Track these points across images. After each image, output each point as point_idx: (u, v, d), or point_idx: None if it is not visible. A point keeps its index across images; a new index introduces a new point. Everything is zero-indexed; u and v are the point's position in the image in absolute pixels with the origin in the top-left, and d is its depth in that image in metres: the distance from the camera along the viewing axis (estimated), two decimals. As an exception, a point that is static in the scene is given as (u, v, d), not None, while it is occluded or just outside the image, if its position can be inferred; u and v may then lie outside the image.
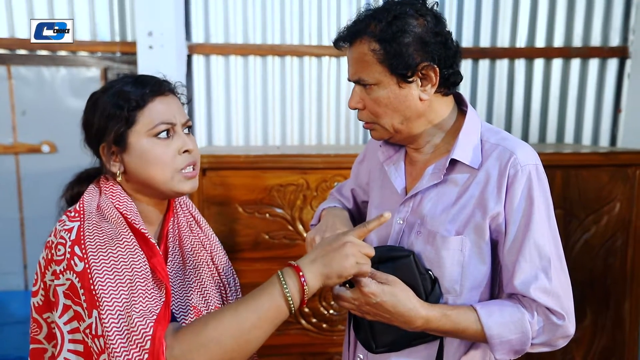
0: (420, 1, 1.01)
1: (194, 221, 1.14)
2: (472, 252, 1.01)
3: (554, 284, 0.97)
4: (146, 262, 0.91)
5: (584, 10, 2.75)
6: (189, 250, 1.08)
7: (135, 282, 0.86)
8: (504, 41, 2.75)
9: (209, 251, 1.12)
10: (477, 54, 2.74)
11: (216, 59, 2.67)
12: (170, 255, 1.03)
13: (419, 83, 1.00)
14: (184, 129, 1.01)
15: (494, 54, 2.75)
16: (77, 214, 0.93)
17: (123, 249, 0.89)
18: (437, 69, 0.99)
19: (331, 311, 2.15)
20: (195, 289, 1.05)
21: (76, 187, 1.05)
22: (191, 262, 1.07)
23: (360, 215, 1.32)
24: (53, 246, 0.90)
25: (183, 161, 0.98)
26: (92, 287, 0.84)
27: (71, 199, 1.04)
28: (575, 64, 2.78)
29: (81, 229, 0.89)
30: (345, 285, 1.01)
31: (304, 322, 2.14)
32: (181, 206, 1.12)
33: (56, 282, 0.89)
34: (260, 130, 2.75)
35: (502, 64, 2.78)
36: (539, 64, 2.78)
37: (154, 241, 0.94)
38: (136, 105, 0.95)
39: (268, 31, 2.67)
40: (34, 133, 2.61)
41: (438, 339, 1.04)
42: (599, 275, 2.21)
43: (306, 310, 2.13)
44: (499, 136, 1.04)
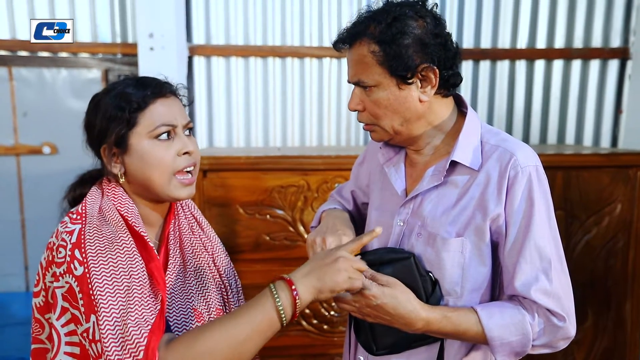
0: (419, 3, 1.01)
1: (195, 223, 1.13)
2: (473, 253, 1.00)
3: (554, 285, 0.97)
4: (144, 268, 0.91)
5: (584, 12, 2.74)
6: (190, 252, 1.07)
7: (132, 290, 0.86)
8: (504, 42, 2.75)
9: (210, 253, 1.12)
10: (478, 55, 2.74)
11: (217, 60, 2.67)
12: (171, 257, 1.03)
13: (419, 84, 1.00)
14: (184, 130, 1.01)
15: (494, 55, 2.74)
16: (79, 216, 0.93)
17: (122, 254, 0.89)
18: (437, 71, 0.99)
19: (332, 312, 2.14)
20: (197, 291, 1.04)
21: (79, 188, 1.05)
22: (192, 264, 1.06)
23: (360, 217, 1.32)
24: (54, 248, 0.91)
25: (183, 162, 0.98)
26: (91, 292, 0.84)
27: (74, 200, 1.04)
28: (576, 65, 2.78)
29: (82, 232, 0.90)
30: None
31: (304, 323, 2.14)
32: (183, 208, 1.12)
33: (55, 284, 0.89)
34: (261, 131, 2.75)
35: (503, 65, 2.77)
36: (539, 65, 2.78)
37: (152, 245, 0.94)
38: (137, 107, 0.95)
39: (269, 32, 2.67)
40: (35, 134, 2.61)
41: (439, 341, 1.04)
42: (600, 276, 2.21)
43: (307, 311, 2.13)
44: (498, 137, 1.04)
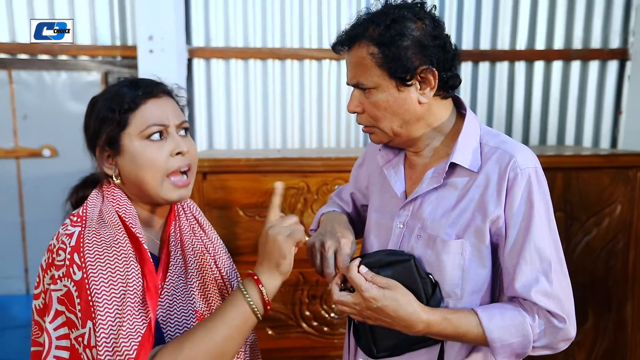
0: (418, 5, 1.01)
1: (196, 224, 1.12)
2: (473, 255, 1.00)
3: (554, 286, 0.97)
4: (139, 273, 0.91)
5: (583, 13, 2.75)
6: (191, 253, 1.07)
7: (127, 297, 0.87)
8: (504, 44, 2.75)
9: (212, 254, 1.11)
10: (477, 56, 2.74)
11: (217, 62, 2.67)
12: (172, 259, 1.02)
13: (418, 86, 1.00)
14: (179, 130, 0.99)
15: (494, 56, 2.75)
16: (79, 219, 0.93)
17: (119, 258, 0.89)
18: (436, 72, 0.99)
19: (332, 314, 2.14)
20: (198, 292, 1.04)
21: (81, 190, 1.05)
22: (193, 266, 1.06)
23: (360, 219, 1.32)
24: (54, 250, 0.91)
25: (175, 163, 0.97)
26: (90, 299, 0.84)
27: (76, 202, 1.04)
28: (576, 66, 2.78)
29: (81, 236, 0.89)
30: (347, 289, 1.01)
31: (305, 325, 2.14)
32: (184, 209, 1.11)
33: (52, 287, 0.89)
34: (261, 133, 2.75)
35: (503, 67, 2.78)
36: (539, 66, 2.78)
37: (150, 247, 0.94)
38: (128, 108, 0.95)
39: (268, 34, 2.67)
40: (35, 137, 2.62)
41: (439, 343, 1.04)
42: (600, 277, 2.21)
43: (307, 313, 2.13)
44: (498, 139, 1.04)
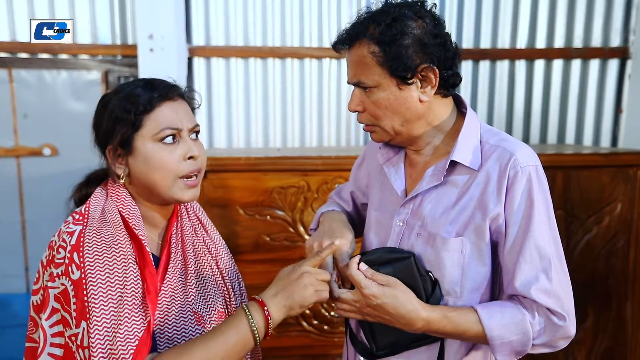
0: (419, 3, 1.01)
1: (199, 225, 1.13)
2: (473, 253, 1.00)
3: (554, 284, 0.97)
4: (138, 275, 0.91)
5: (584, 11, 2.74)
6: (192, 254, 1.06)
7: (124, 300, 0.87)
8: (504, 42, 2.75)
9: (213, 255, 1.11)
10: (478, 55, 2.74)
11: (217, 61, 2.67)
12: (172, 260, 1.02)
13: (419, 85, 1.00)
14: (191, 134, 1.00)
15: (494, 55, 2.75)
16: (81, 217, 0.93)
17: (118, 260, 0.89)
18: (437, 71, 0.99)
19: (332, 313, 2.14)
20: (198, 293, 1.03)
21: (85, 188, 1.05)
22: (194, 267, 1.06)
23: (360, 218, 1.32)
24: (55, 247, 0.91)
25: (187, 167, 0.97)
26: (85, 299, 0.84)
27: (80, 200, 1.04)
28: (576, 64, 2.78)
29: (82, 234, 0.90)
30: (346, 286, 1.01)
31: (305, 324, 2.14)
32: (187, 209, 1.11)
33: (50, 284, 0.89)
34: (261, 132, 2.75)
35: (503, 65, 2.78)
36: (539, 64, 2.78)
37: (152, 248, 0.94)
38: (143, 110, 0.95)
39: (268, 33, 2.67)
40: (35, 136, 2.61)
41: (439, 341, 1.04)
42: (600, 275, 2.21)
43: (307, 312, 2.13)
44: (498, 137, 1.04)
